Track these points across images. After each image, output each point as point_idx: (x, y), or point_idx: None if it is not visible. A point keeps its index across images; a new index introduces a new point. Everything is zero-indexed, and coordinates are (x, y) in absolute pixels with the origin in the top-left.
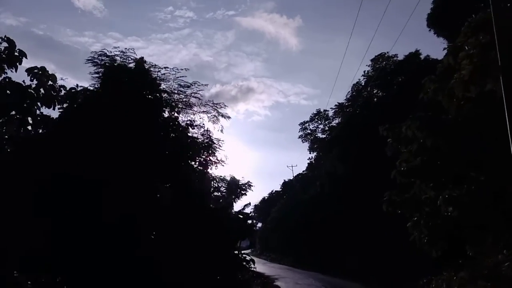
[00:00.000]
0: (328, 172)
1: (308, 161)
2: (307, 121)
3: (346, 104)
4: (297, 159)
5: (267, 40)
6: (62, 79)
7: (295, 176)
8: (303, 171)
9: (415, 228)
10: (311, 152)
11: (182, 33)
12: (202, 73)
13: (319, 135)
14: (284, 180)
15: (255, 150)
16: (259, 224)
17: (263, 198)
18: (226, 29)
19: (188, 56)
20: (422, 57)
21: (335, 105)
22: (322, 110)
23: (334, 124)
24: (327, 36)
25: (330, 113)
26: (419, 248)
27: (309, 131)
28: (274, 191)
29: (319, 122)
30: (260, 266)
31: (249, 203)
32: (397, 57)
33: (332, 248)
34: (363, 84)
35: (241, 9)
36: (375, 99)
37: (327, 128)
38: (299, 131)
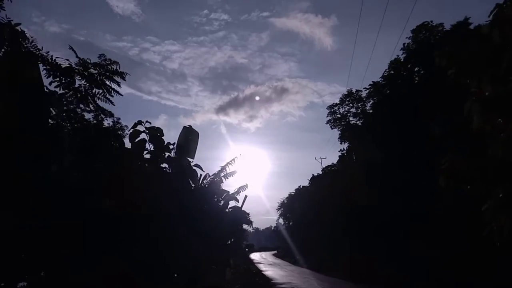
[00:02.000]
0: (362, 160)
1: (340, 153)
2: (336, 104)
3: (382, 83)
4: (328, 151)
5: (302, 40)
6: None
7: (324, 168)
8: (333, 163)
9: (497, 214)
10: (342, 142)
11: (217, 35)
12: (237, 74)
13: (351, 119)
14: (313, 174)
15: (289, 151)
16: (281, 221)
17: (290, 194)
18: (260, 31)
19: (223, 58)
20: (472, 26)
21: (369, 85)
22: (354, 90)
23: (369, 108)
24: (363, 35)
25: (364, 94)
26: (500, 244)
27: (339, 115)
28: (301, 186)
29: (351, 104)
30: (277, 270)
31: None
32: (443, 26)
33: (368, 251)
34: (402, 60)
35: (275, 10)
36: (417, 78)
37: (359, 111)
38: (327, 115)
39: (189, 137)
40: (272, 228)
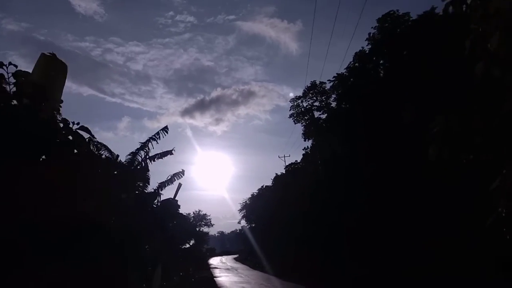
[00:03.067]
0: (326, 157)
1: (304, 152)
2: (299, 96)
3: (346, 75)
4: (293, 150)
5: (268, 44)
6: None
7: (287, 166)
8: (296, 161)
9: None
10: (306, 140)
11: (183, 37)
12: (203, 77)
13: (315, 113)
14: (276, 173)
15: (255, 154)
16: (244, 223)
17: (252, 195)
18: (226, 34)
19: (189, 61)
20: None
21: (334, 77)
22: (318, 82)
23: (333, 100)
24: (328, 40)
25: (328, 86)
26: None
27: (302, 109)
28: (264, 186)
29: (315, 98)
30: (232, 276)
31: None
32: (410, 16)
33: (333, 250)
34: (367, 51)
35: (242, 13)
36: (382, 72)
37: (324, 104)
38: (290, 109)
39: (51, 72)
40: (237, 231)
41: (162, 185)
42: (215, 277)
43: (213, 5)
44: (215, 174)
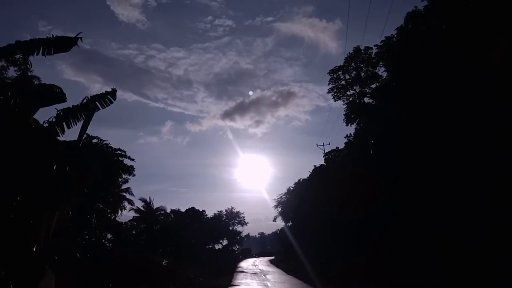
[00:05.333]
0: (375, 137)
1: (346, 140)
2: (340, 67)
3: (395, 36)
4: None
5: (307, 45)
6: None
7: (326, 154)
8: (337, 147)
9: None
10: (349, 124)
11: (222, 41)
12: (242, 80)
13: (359, 88)
14: (315, 165)
15: (295, 156)
16: (280, 221)
17: (288, 189)
18: (265, 36)
19: (228, 64)
20: None
21: (382, 40)
22: (362, 47)
23: (382, 72)
24: (367, 37)
25: (375, 51)
26: None
27: (343, 83)
28: (301, 179)
29: (360, 66)
30: (256, 286)
31: None
32: None
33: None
34: (422, 9)
35: (279, 14)
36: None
37: (369, 74)
38: (328, 83)
39: None
40: (277, 231)
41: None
42: (232, 285)
43: (251, 8)
44: (257, 176)
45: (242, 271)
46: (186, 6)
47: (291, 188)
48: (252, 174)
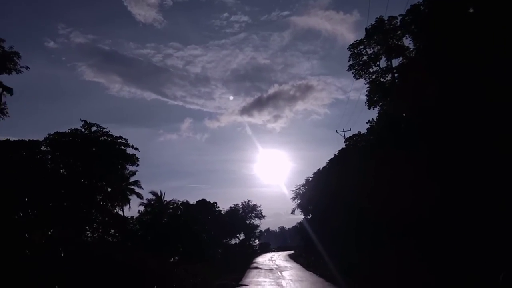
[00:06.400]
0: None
1: (369, 125)
2: (361, 41)
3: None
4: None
5: (324, 37)
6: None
7: (347, 139)
8: (359, 132)
9: None
10: (372, 107)
11: (238, 37)
12: (259, 75)
13: (384, 62)
14: (334, 154)
15: (315, 150)
16: (299, 214)
17: (306, 180)
18: (281, 30)
19: (245, 60)
20: None
21: (408, 10)
22: (386, 18)
23: (410, 43)
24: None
25: (400, 21)
26: None
27: (365, 58)
28: (321, 168)
29: (382, 42)
30: (268, 285)
31: None
32: None
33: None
34: None
35: (295, 8)
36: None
37: (394, 48)
38: (348, 59)
39: None
40: (297, 225)
41: None
42: (240, 285)
43: (266, 2)
44: (276, 170)
45: (257, 267)
46: (202, 3)
47: (310, 179)
48: (271, 169)
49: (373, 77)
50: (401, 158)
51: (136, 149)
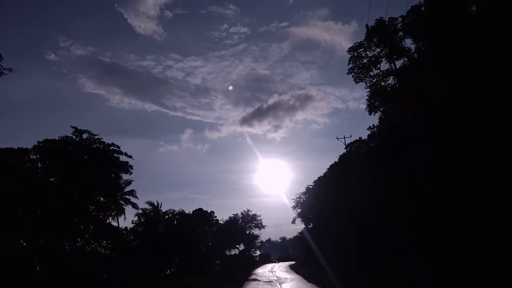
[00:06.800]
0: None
1: (370, 132)
2: (361, 43)
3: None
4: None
5: (323, 48)
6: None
7: (348, 145)
8: (361, 138)
9: None
10: (372, 113)
11: (237, 48)
12: (259, 85)
13: (384, 64)
14: (335, 161)
15: (315, 159)
16: (299, 223)
17: (307, 188)
18: (280, 41)
19: (245, 71)
20: None
21: (409, 10)
22: (386, 19)
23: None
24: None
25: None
26: None
27: (365, 61)
28: (321, 176)
29: (382, 44)
30: None
31: None
32: None
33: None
34: None
35: (294, 19)
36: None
37: (395, 49)
38: (348, 62)
39: None
40: (298, 235)
41: None
42: None
43: (265, 14)
44: (277, 180)
45: (256, 279)
46: (201, 15)
47: (310, 187)
48: (272, 179)
49: (374, 80)
50: (403, 164)
51: (130, 156)
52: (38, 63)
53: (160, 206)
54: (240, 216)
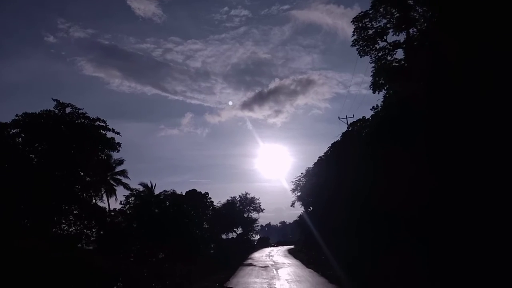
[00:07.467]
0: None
1: (373, 112)
2: (366, 13)
3: None
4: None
5: (325, 31)
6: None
7: (350, 124)
8: (364, 117)
9: None
10: (377, 91)
11: (238, 31)
12: (260, 69)
13: (391, 37)
14: (337, 139)
15: (315, 144)
16: (299, 206)
17: (307, 170)
18: (282, 24)
19: (246, 54)
20: None
21: None
22: None
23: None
24: None
25: None
26: None
27: (371, 32)
28: (321, 156)
29: (390, 13)
30: (261, 285)
31: None
32: None
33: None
34: None
35: (296, 2)
36: None
37: (402, 20)
38: (353, 33)
39: None
40: (298, 219)
41: None
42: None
43: None
44: (277, 165)
45: (251, 264)
46: None
47: (310, 169)
48: (272, 164)
49: (380, 54)
50: (408, 145)
51: (118, 133)
52: (37, 45)
53: (154, 188)
54: (238, 199)
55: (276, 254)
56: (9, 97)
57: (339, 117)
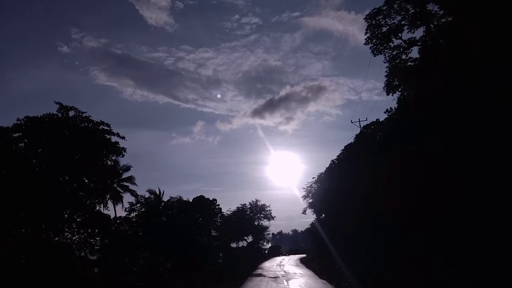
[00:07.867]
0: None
1: (387, 115)
2: (379, 9)
3: None
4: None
5: (336, 38)
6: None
7: (364, 127)
8: (378, 120)
9: None
10: (391, 93)
11: (249, 39)
12: (271, 77)
13: (406, 34)
14: (350, 142)
15: (327, 151)
16: (310, 213)
17: (319, 176)
18: (292, 31)
19: (256, 62)
20: None
21: None
22: None
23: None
24: None
25: None
26: None
27: (385, 30)
28: (333, 160)
29: (405, 9)
30: None
31: None
32: None
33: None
34: None
35: (306, 9)
36: None
37: (418, 16)
38: (365, 31)
39: None
40: (310, 227)
41: None
42: None
43: (277, 4)
44: (289, 173)
45: (260, 274)
46: (212, 6)
47: (322, 174)
48: (284, 172)
49: (394, 53)
50: (425, 148)
51: (122, 137)
52: (51, 55)
53: (162, 195)
54: (248, 206)
55: (287, 264)
56: (24, 107)
57: (351, 121)
